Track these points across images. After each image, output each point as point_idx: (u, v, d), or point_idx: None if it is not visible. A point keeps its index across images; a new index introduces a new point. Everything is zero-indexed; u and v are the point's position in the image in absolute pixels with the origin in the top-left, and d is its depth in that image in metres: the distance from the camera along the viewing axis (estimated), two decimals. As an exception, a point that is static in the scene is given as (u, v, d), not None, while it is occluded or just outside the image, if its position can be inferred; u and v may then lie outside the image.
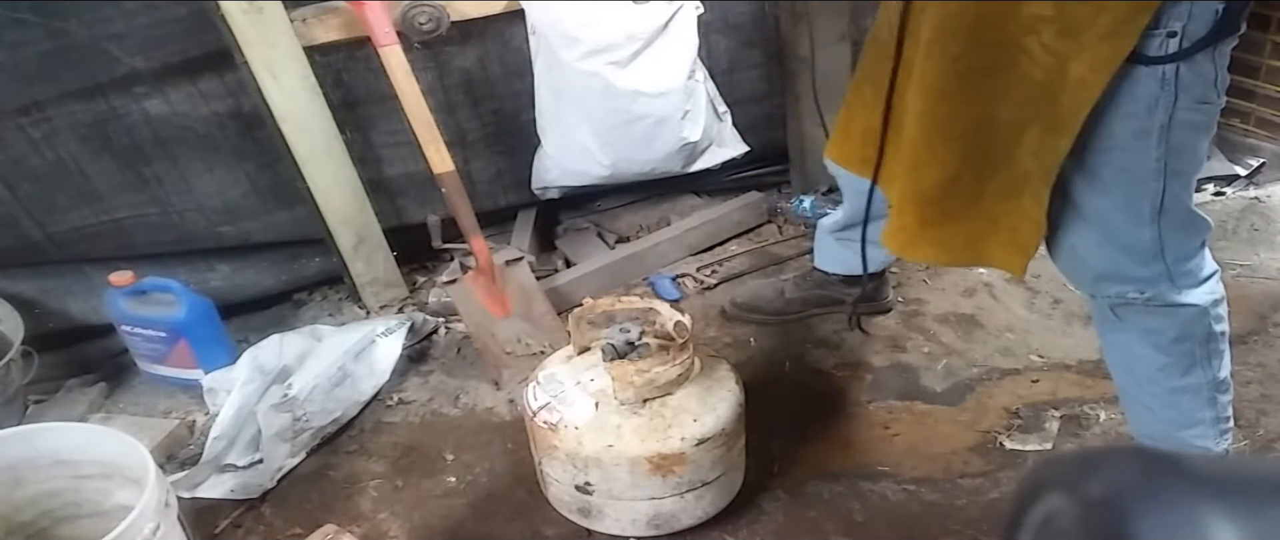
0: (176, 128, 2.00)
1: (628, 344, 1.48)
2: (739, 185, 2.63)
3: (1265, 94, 2.56)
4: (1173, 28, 1.10)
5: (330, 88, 2.06)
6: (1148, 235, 1.26)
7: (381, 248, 2.26)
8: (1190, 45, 1.10)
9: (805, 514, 1.57)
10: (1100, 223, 1.29)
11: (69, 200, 2.02)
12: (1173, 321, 1.35)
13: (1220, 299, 1.36)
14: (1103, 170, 1.23)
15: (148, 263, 2.09)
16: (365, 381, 1.91)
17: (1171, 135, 1.17)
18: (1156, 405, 1.47)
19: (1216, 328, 1.37)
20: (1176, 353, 1.38)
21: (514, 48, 2.19)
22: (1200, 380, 1.41)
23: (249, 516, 1.66)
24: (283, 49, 1.93)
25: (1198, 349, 1.38)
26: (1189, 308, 1.33)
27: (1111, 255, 1.31)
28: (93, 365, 2.13)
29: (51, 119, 1.91)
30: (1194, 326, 1.35)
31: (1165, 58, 1.11)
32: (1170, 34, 1.10)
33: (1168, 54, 1.11)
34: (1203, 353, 1.38)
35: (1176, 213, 1.25)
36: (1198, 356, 1.39)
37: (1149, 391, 1.46)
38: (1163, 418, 1.47)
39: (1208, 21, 1.09)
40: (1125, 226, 1.27)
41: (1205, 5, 1.08)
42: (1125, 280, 1.33)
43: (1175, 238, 1.27)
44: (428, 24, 1.98)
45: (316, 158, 2.06)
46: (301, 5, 1.96)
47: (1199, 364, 1.39)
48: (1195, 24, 1.09)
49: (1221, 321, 1.38)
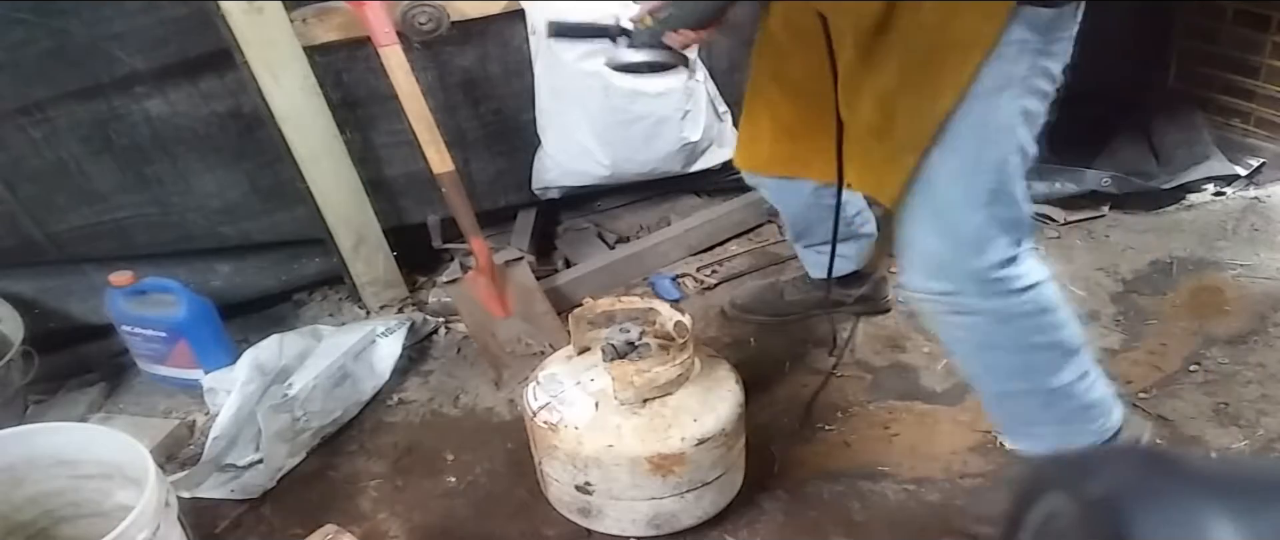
0: (177, 128, 2.00)
1: (628, 344, 1.48)
2: (739, 185, 2.61)
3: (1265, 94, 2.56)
4: None
5: (330, 88, 2.06)
6: (977, 221, 1.20)
7: (381, 248, 2.26)
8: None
9: (805, 514, 1.57)
10: (937, 196, 1.23)
11: (69, 200, 2.02)
12: (972, 326, 1.29)
13: (1045, 310, 1.28)
14: (959, 123, 1.16)
15: (148, 263, 2.09)
16: (365, 381, 1.91)
17: (1027, 92, 1.12)
18: (990, 405, 1.43)
19: (1037, 338, 1.30)
20: (985, 361, 1.34)
21: (514, 48, 2.19)
22: (1029, 384, 1.34)
23: (249, 516, 1.66)
24: (283, 49, 1.93)
25: (1011, 358, 1.31)
26: (987, 315, 1.27)
27: (935, 243, 1.26)
28: (93, 365, 2.13)
29: (51, 119, 1.91)
30: (996, 336, 1.29)
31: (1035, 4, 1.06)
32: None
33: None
34: (1020, 363, 1.32)
35: (1007, 202, 1.19)
36: (1014, 366, 1.32)
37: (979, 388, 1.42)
38: (1000, 417, 1.44)
39: None
40: (959, 205, 1.21)
41: None
42: (937, 275, 1.27)
43: (999, 236, 1.22)
44: (428, 24, 1.98)
45: (316, 158, 2.06)
46: (301, 5, 1.96)
47: (1019, 373, 1.33)
48: None
49: (1047, 332, 1.30)
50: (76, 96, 1.90)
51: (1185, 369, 1.84)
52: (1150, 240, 2.31)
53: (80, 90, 1.90)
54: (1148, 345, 1.93)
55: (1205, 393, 1.77)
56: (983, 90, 1.13)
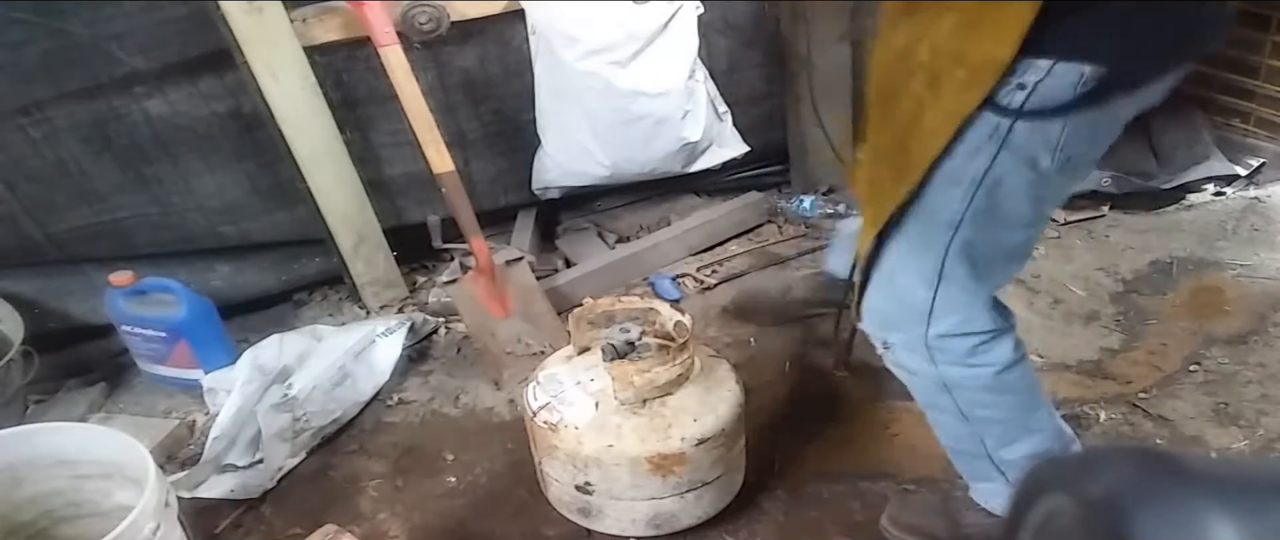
0: (177, 128, 2.01)
1: (628, 344, 1.48)
2: (739, 185, 2.64)
3: (1265, 94, 2.55)
4: (1024, 80, 1.00)
5: (330, 88, 2.06)
6: (922, 295, 1.19)
7: (381, 248, 2.26)
8: (1041, 105, 1.01)
9: (805, 514, 1.57)
10: (889, 266, 1.23)
11: (69, 200, 2.02)
12: (914, 383, 1.28)
13: (1005, 391, 1.24)
14: (910, 205, 1.15)
15: (148, 263, 2.09)
16: (365, 381, 1.91)
17: (981, 192, 1.08)
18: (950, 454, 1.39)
19: (987, 412, 1.26)
20: (930, 417, 1.32)
21: (514, 48, 2.19)
22: (975, 449, 1.31)
23: (249, 516, 1.66)
24: (283, 49, 1.93)
25: (955, 422, 1.29)
26: (928, 378, 1.25)
27: (882, 302, 1.25)
28: (93, 365, 2.13)
29: (52, 119, 1.91)
30: (938, 398, 1.27)
31: (1006, 110, 1.02)
32: (1020, 86, 1.01)
33: (1011, 107, 1.02)
34: (965, 430, 1.29)
35: (955, 286, 1.17)
36: (959, 431, 1.30)
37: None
38: (954, 464, 1.40)
39: (1070, 86, 0.99)
40: (907, 282, 1.20)
41: (1068, 67, 0.98)
42: (883, 328, 1.27)
43: (949, 314, 1.19)
44: (428, 24, 1.98)
45: (316, 158, 2.06)
46: (301, 5, 1.97)
47: (966, 438, 1.30)
48: (1054, 83, 1.00)
49: (1001, 409, 1.26)
50: (76, 96, 1.90)
51: (1185, 369, 1.84)
52: (1150, 240, 2.31)
53: (80, 90, 1.90)
54: (1148, 345, 1.93)
55: (1205, 393, 1.77)
56: (933, 182, 1.11)
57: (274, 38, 1.91)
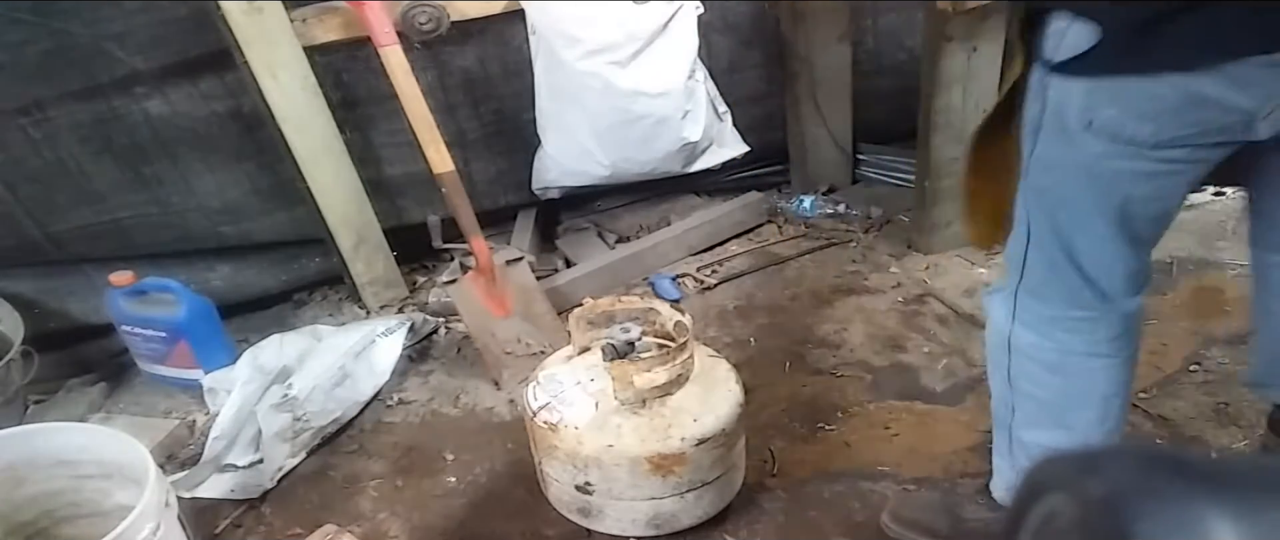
0: (177, 128, 2.01)
1: (628, 344, 1.48)
2: (739, 185, 2.64)
3: (1265, 94, 2.55)
4: (1056, 31, 1.02)
5: (330, 88, 2.06)
6: (1016, 249, 1.20)
7: (381, 248, 2.26)
8: (1066, 58, 1.02)
9: (805, 514, 1.57)
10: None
11: (69, 200, 2.02)
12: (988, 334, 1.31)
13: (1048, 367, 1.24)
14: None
15: (148, 263, 2.09)
16: (365, 381, 1.91)
17: (1040, 140, 1.10)
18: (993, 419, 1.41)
19: (1025, 385, 1.27)
20: (990, 371, 1.33)
21: (514, 48, 2.19)
22: (1005, 416, 1.33)
23: (249, 516, 1.66)
24: (283, 49, 1.93)
25: (1002, 387, 1.31)
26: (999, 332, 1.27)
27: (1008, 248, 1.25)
28: (93, 365, 2.13)
29: (52, 119, 1.91)
30: (999, 355, 1.29)
31: (1046, 63, 1.05)
32: (1055, 36, 1.02)
33: (1048, 59, 1.04)
34: (1007, 396, 1.30)
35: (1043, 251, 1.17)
36: (1003, 396, 1.32)
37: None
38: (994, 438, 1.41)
39: (1082, 42, 0.99)
40: (1017, 232, 1.21)
41: (1085, 25, 0.99)
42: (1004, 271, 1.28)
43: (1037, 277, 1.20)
44: (428, 24, 1.98)
45: (316, 158, 2.07)
46: (301, 5, 1.97)
47: (1003, 405, 1.32)
48: (1073, 40, 1.00)
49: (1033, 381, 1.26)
50: (76, 96, 1.91)
51: (1185, 369, 1.84)
52: (1150, 240, 2.31)
53: (80, 90, 1.90)
54: (1148, 345, 1.92)
55: (1205, 393, 1.76)
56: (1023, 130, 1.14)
57: (274, 38, 1.91)
